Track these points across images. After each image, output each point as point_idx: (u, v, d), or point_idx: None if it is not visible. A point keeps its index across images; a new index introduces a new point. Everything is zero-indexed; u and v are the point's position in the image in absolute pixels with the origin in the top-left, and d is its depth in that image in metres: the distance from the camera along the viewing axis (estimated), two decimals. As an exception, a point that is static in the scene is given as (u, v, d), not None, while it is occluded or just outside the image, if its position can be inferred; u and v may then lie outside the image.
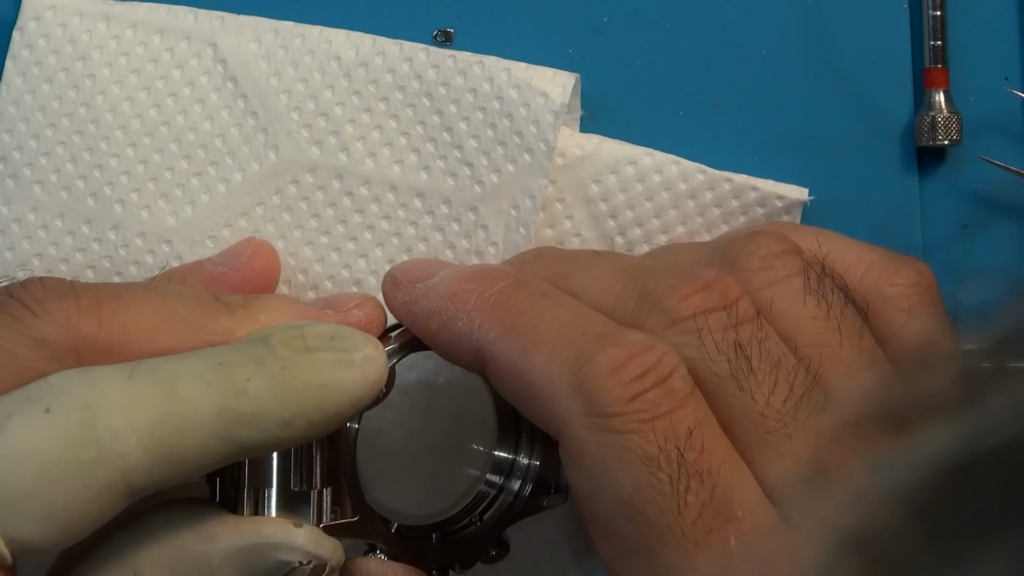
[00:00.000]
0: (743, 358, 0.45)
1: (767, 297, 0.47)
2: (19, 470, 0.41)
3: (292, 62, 0.55)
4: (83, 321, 0.44)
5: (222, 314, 0.46)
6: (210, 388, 0.43)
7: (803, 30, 0.59)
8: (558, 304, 0.47)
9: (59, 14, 0.55)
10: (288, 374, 0.44)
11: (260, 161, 0.55)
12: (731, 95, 0.58)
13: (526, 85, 0.55)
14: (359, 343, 0.46)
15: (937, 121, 0.58)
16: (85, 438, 0.41)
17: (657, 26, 0.58)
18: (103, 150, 0.55)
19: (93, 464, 0.41)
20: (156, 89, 0.55)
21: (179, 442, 0.42)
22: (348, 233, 0.55)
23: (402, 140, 0.55)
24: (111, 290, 0.46)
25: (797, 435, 0.44)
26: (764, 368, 0.45)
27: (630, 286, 0.47)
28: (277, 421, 0.44)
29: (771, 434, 0.44)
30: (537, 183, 0.55)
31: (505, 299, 0.47)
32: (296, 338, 0.45)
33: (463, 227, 0.55)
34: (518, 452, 0.53)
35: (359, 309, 0.49)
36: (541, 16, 0.58)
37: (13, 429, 0.41)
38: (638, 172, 0.56)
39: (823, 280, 0.47)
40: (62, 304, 0.45)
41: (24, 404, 0.42)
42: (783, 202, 0.57)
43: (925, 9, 0.59)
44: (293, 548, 0.46)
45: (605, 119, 0.58)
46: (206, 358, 0.44)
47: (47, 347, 0.44)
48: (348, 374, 0.45)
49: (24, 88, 0.55)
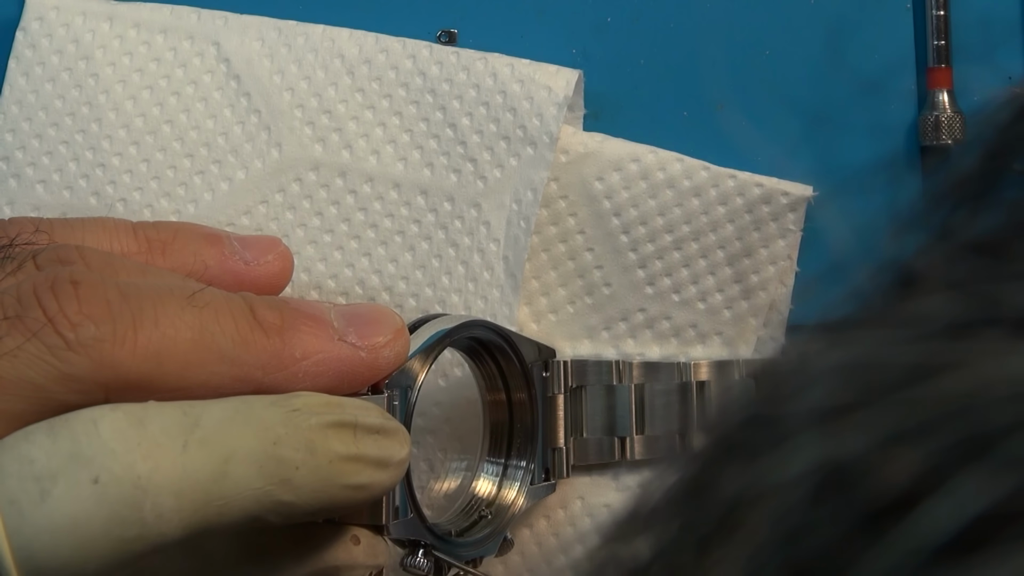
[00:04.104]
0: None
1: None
2: (57, 543, 0.38)
3: (295, 60, 0.55)
4: (117, 351, 0.42)
5: (259, 339, 0.44)
6: (260, 472, 0.41)
7: (806, 30, 0.59)
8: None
9: (62, 14, 0.55)
10: (333, 469, 0.42)
11: (263, 159, 0.55)
12: (735, 94, 0.59)
13: (529, 79, 0.55)
14: (399, 443, 0.45)
15: (941, 121, 0.58)
16: (131, 517, 0.39)
17: (660, 26, 0.58)
18: (105, 149, 0.55)
19: (132, 541, 0.39)
20: (159, 88, 0.55)
21: (216, 522, 0.41)
22: (351, 231, 0.55)
23: (405, 137, 0.55)
24: (149, 312, 0.43)
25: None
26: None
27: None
28: (305, 511, 0.43)
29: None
30: (540, 176, 0.55)
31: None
32: (348, 432, 0.43)
33: (466, 224, 0.55)
34: (511, 453, 0.53)
35: (388, 349, 0.48)
36: (544, 16, 0.58)
37: (58, 499, 0.39)
38: (641, 169, 0.56)
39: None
40: (98, 332, 0.41)
41: (71, 465, 0.39)
42: (787, 199, 0.57)
43: (929, 9, 0.59)
44: (355, 567, 0.46)
45: (608, 118, 0.58)
46: (261, 433, 0.42)
47: (77, 383, 0.41)
48: (381, 478, 0.44)
49: (27, 88, 0.55)
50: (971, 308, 0.22)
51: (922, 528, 0.20)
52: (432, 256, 0.55)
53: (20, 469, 0.39)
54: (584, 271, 0.57)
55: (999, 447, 0.20)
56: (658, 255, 0.57)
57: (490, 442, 0.54)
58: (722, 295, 0.57)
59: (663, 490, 0.24)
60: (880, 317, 0.24)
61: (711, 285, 0.57)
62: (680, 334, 0.57)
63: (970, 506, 0.20)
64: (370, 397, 0.46)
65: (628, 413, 0.55)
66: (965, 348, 0.21)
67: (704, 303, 0.57)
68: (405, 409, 0.48)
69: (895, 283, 0.25)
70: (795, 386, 0.23)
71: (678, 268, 0.57)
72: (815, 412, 0.22)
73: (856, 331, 0.24)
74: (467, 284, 0.55)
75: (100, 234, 0.48)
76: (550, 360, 0.54)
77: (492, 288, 0.55)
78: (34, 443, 0.40)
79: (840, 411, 0.21)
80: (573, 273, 0.57)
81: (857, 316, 0.25)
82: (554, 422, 0.54)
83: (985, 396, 0.20)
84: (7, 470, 0.39)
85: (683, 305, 0.57)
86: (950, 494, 0.20)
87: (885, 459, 0.20)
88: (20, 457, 0.39)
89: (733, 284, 0.57)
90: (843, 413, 0.21)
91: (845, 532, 0.20)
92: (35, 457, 0.39)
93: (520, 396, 0.53)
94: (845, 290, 0.26)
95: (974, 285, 0.22)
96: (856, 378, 0.22)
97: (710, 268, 0.57)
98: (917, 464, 0.20)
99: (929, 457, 0.20)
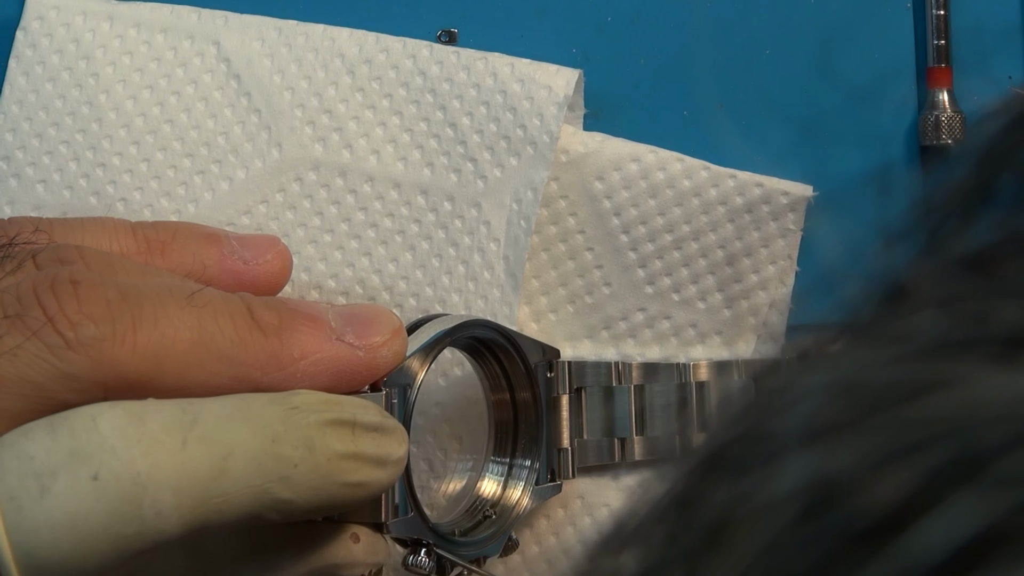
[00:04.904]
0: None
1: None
2: (57, 540, 0.39)
3: (295, 59, 0.55)
4: (117, 351, 0.42)
5: (257, 340, 0.44)
6: (259, 470, 0.41)
7: (807, 29, 0.59)
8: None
9: (62, 14, 0.55)
10: (331, 467, 0.43)
11: (263, 159, 0.55)
12: (735, 94, 0.59)
13: (530, 79, 0.55)
14: (397, 441, 0.45)
15: (941, 121, 0.58)
16: (130, 514, 0.39)
17: (660, 25, 0.58)
18: (106, 148, 0.55)
19: (132, 538, 0.39)
20: (159, 87, 0.55)
21: (215, 520, 0.41)
22: (351, 231, 0.55)
23: (405, 137, 0.55)
24: (148, 312, 0.43)
25: None
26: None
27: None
28: (304, 509, 0.43)
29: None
30: (540, 175, 0.55)
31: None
32: (346, 430, 0.43)
33: (466, 224, 0.55)
34: (515, 453, 0.53)
35: (386, 349, 0.48)
36: (544, 16, 0.58)
37: (57, 495, 0.39)
38: (641, 169, 0.56)
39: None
40: (97, 332, 0.41)
41: (71, 461, 0.39)
42: (788, 198, 0.57)
43: (929, 8, 0.59)
44: (355, 565, 0.46)
45: (609, 118, 0.58)
46: (260, 430, 0.42)
47: (76, 382, 0.41)
48: (379, 476, 0.44)
49: (27, 87, 0.55)
50: (961, 326, 0.22)
51: (915, 549, 0.20)
52: (432, 256, 0.55)
53: (20, 465, 0.39)
54: (584, 271, 0.57)
55: (991, 467, 0.20)
56: (658, 255, 0.57)
57: (495, 442, 0.54)
58: (722, 295, 0.57)
59: (650, 505, 0.24)
60: (870, 333, 0.24)
61: (711, 285, 0.57)
62: (680, 334, 0.57)
63: (963, 527, 0.20)
64: (368, 395, 0.46)
65: (627, 414, 0.55)
66: (955, 367, 0.21)
67: (704, 303, 0.57)
68: (404, 408, 0.48)
69: (885, 297, 0.25)
70: (784, 403, 0.23)
71: (678, 268, 0.57)
72: (805, 430, 0.22)
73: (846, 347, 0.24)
74: (467, 284, 0.55)
75: (99, 234, 0.48)
76: (554, 361, 0.54)
77: (492, 287, 0.55)
78: (34, 440, 0.40)
79: (830, 429, 0.21)
80: (573, 273, 0.57)
81: (847, 331, 0.25)
82: (558, 422, 0.54)
83: (975, 416, 0.20)
84: (7, 466, 0.39)
85: (683, 305, 0.57)
86: (943, 515, 0.20)
87: (875, 478, 0.20)
88: (20, 453, 0.39)
89: (733, 284, 0.57)
90: (833, 431, 0.21)
91: (835, 552, 0.20)
92: (35, 453, 0.39)
93: (524, 396, 0.53)
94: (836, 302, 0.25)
95: (964, 303, 0.22)
96: (846, 396, 0.22)
97: (710, 268, 0.57)
98: (907, 484, 0.20)
99: (919, 477, 0.20)
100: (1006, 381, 0.21)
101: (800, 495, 0.21)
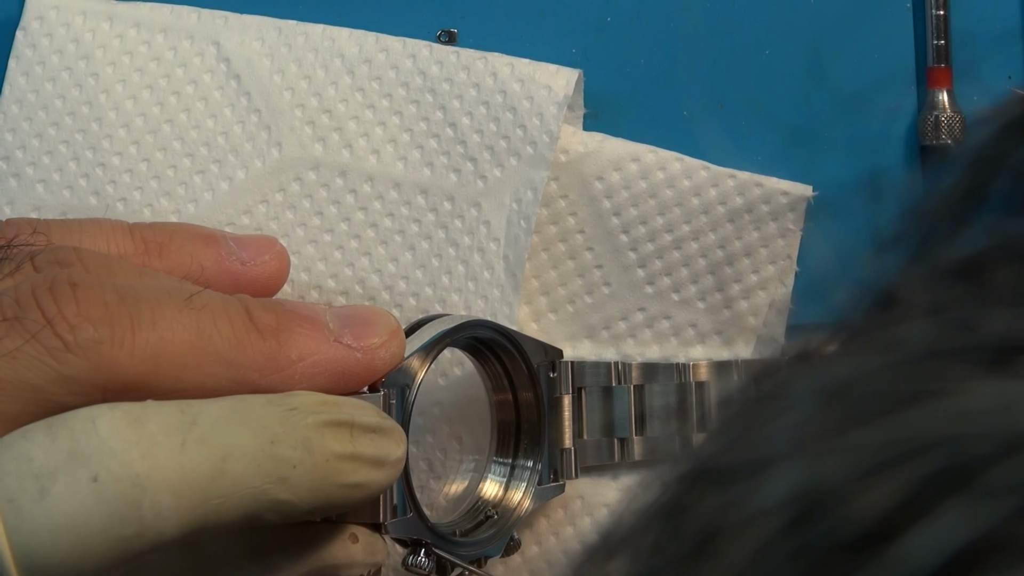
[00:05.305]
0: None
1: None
2: (56, 541, 0.39)
3: (295, 59, 0.55)
4: (115, 353, 0.42)
5: (255, 342, 0.44)
6: (258, 471, 0.41)
7: (807, 29, 0.59)
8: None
9: (62, 14, 0.55)
10: (330, 468, 0.43)
11: (263, 158, 0.55)
12: (735, 94, 0.58)
13: (529, 79, 0.55)
14: (395, 442, 0.45)
15: (940, 121, 0.58)
16: (129, 515, 0.39)
17: (660, 25, 0.58)
18: (106, 148, 0.55)
19: (131, 539, 0.40)
20: (159, 87, 0.55)
21: (213, 521, 0.41)
22: (351, 230, 0.55)
23: (405, 136, 0.55)
24: (146, 314, 0.43)
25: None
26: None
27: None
28: (303, 510, 0.43)
29: None
30: (540, 175, 0.55)
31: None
32: (344, 431, 0.43)
33: (466, 224, 0.55)
34: (518, 453, 0.53)
35: (384, 350, 0.48)
36: (544, 16, 0.58)
37: (56, 497, 0.39)
38: (641, 169, 0.56)
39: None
40: (96, 334, 0.42)
41: (70, 463, 0.39)
42: (787, 198, 0.57)
43: (928, 8, 0.59)
44: (354, 565, 0.46)
45: (608, 118, 0.58)
46: (259, 432, 0.42)
47: (75, 384, 0.41)
48: (377, 477, 0.44)
49: (27, 87, 0.55)
50: (951, 335, 0.22)
51: (905, 559, 0.20)
52: (432, 255, 0.55)
53: (19, 467, 0.39)
54: (584, 270, 0.57)
55: (981, 477, 0.20)
56: (658, 254, 0.57)
57: (497, 443, 0.54)
58: (722, 294, 0.57)
59: (639, 514, 0.24)
60: (860, 341, 0.24)
61: (711, 284, 0.57)
62: (680, 333, 0.57)
63: (953, 537, 0.20)
64: (367, 396, 0.46)
65: (627, 415, 0.55)
66: (944, 376, 0.21)
67: (704, 302, 0.57)
68: (403, 408, 0.48)
69: (876, 304, 0.25)
70: (774, 412, 0.23)
71: (678, 267, 0.57)
72: (794, 439, 0.22)
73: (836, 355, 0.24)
74: (467, 283, 0.55)
75: (97, 235, 0.48)
76: (557, 361, 0.54)
77: (492, 287, 0.55)
78: (33, 441, 0.40)
79: (819, 438, 0.21)
80: (573, 272, 0.57)
81: (837, 339, 0.24)
82: (561, 423, 0.54)
83: (964, 425, 0.20)
84: (6, 468, 0.39)
85: (683, 305, 0.57)
86: (933, 524, 0.20)
87: (865, 488, 0.20)
88: (19, 455, 0.39)
89: (733, 283, 0.57)
90: (822, 441, 0.21)
91: (824, 562, 0.20)
92: (34, 455, 0.39)
93: (526, 396, 0.53)
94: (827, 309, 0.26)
95: (953, 311, 0.22)
96: (835, 405, 0.22)
97: (710, 268, 0.57)
98: (897, 493, 0.20)
99: (909, 486, 0.20)
100: (996, 390, 0.20)
101: (790, 504, 0.21)
